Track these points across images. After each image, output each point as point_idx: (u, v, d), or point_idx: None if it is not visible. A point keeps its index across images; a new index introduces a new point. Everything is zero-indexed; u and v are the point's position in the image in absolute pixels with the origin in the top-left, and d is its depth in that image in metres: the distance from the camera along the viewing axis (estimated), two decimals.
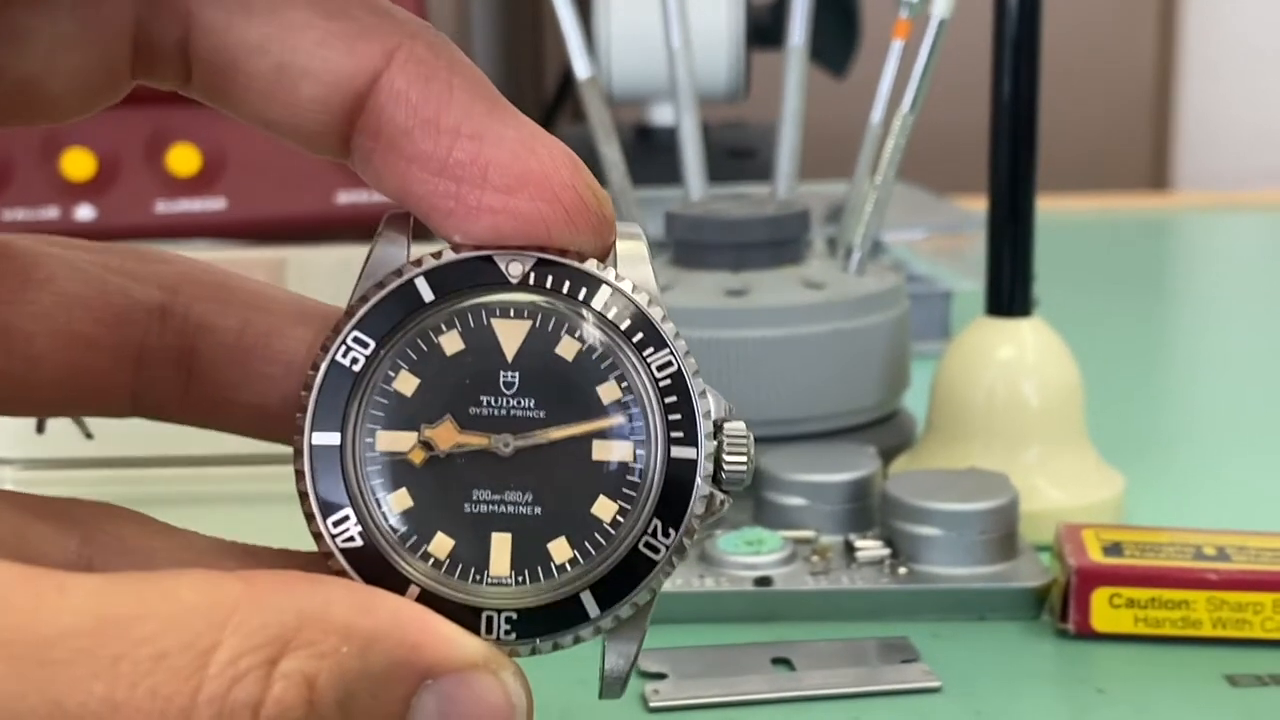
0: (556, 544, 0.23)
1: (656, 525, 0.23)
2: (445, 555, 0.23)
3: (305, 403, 0.23)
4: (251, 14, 0.23)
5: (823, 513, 0.42)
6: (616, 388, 0.23)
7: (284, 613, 0.19)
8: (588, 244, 0.24)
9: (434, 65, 0.23)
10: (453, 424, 0.23)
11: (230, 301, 0.25)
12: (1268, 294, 0.84)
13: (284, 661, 0.19)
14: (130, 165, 0.74)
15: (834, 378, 0.47)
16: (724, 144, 0.91)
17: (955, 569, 0.40)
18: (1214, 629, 0.38)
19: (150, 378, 0.25)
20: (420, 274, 0.23)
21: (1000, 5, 0.45)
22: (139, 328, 0.25)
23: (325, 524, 0.22)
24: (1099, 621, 0.38)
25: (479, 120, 0.23)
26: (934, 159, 0.87)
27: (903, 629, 0.39)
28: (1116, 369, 0.63)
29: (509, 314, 0.23)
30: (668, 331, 0.23)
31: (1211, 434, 0.57)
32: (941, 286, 0.67)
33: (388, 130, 0.23)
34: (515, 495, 0.23)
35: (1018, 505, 0.41)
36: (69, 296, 0.25)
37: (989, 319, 0.46)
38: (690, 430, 0.23)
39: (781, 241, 0.49)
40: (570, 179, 0.23)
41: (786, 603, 0.39)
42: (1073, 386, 0.46)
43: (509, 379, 0.23)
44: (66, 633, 0.18)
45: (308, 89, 0.23)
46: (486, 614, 0.22)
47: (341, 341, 0.23)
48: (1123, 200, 1.14)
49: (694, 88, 0.53)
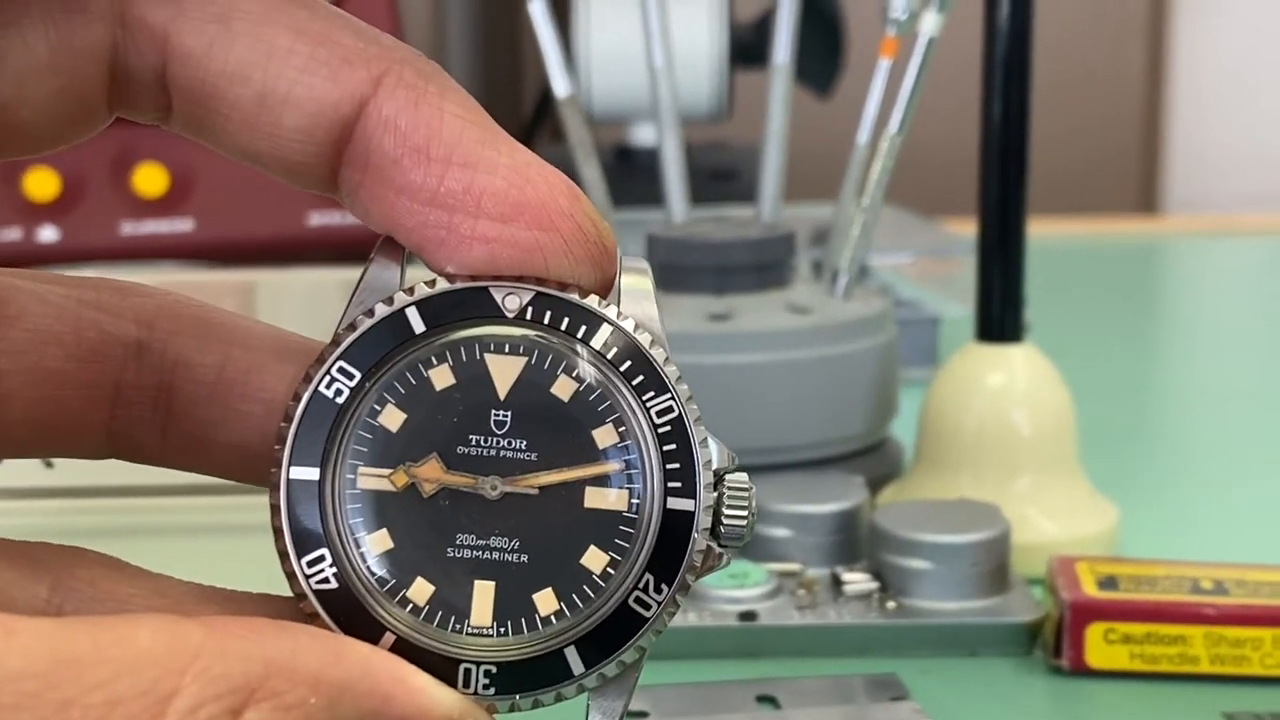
0: (542, 595, 0.22)
1: (649, 580, 0.22)
2: (425, 601, 0.22)
3: (284, 434, 0.22)
4: (232, 40, 0.22)
5: (809, 545, 0.42)
6: (614, 432, 0.23)
7: (249, 660, 0.19)
8: (587, 276, 0.23)
9: (423, 91, 0.22)
10: (439, 463, 0.22)
11: (209, 337, 0.25)
12: (1260, 319, 0.84)
13: (248, 712, 0.19)
14: (95, 185, 0.73)
15: (820, 405, 0.47)
16: (706, 165, 0.91)
17: (945, 603, 0.40)
18: (1212, 665, 0.38)
19: (127, 417, 0.25)
20: (412, 304, 0.23)
21: (991, 25, 0.45)
22: (114, 364, 0.24)
23: (299, 564, 0.22)
24: (1094, 658, 0.38)
25: (471, 148, 0.22)
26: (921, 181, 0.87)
27: (891, 665, 0.38)
28: (1109, 396, 0.63)
29: (503, 350, 0.23)
30: (670, 375, 0.23)
31: (1207, 463, 0.57)
32: (929, 312, 0.67)
33: (376, 160, 0.22)
34: (501, 541, 0.22)
35: (1009, 537, 0.41)
36: (40, 332, 0.24)
37: (979, 345, 0.46)
38: (689, 481, 0.22)
39: (766, 265, 0.48)
40: (569, 208, 0.23)
41: (772, 638, 0.39)
42: (1065, 414, 0.46)
43: (500, 418, 0.23)
44: (12, 676, 0.18)
45: (291, 118, 0.22)
46: (465, 666, 0.22)
47: (326, 372, 0.22)
48: (1112, 224, 1.14)
49: (676, 107, 0.53)
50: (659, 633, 0.22)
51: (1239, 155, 1.87)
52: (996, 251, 0.46)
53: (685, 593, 0.22)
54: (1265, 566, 0.40)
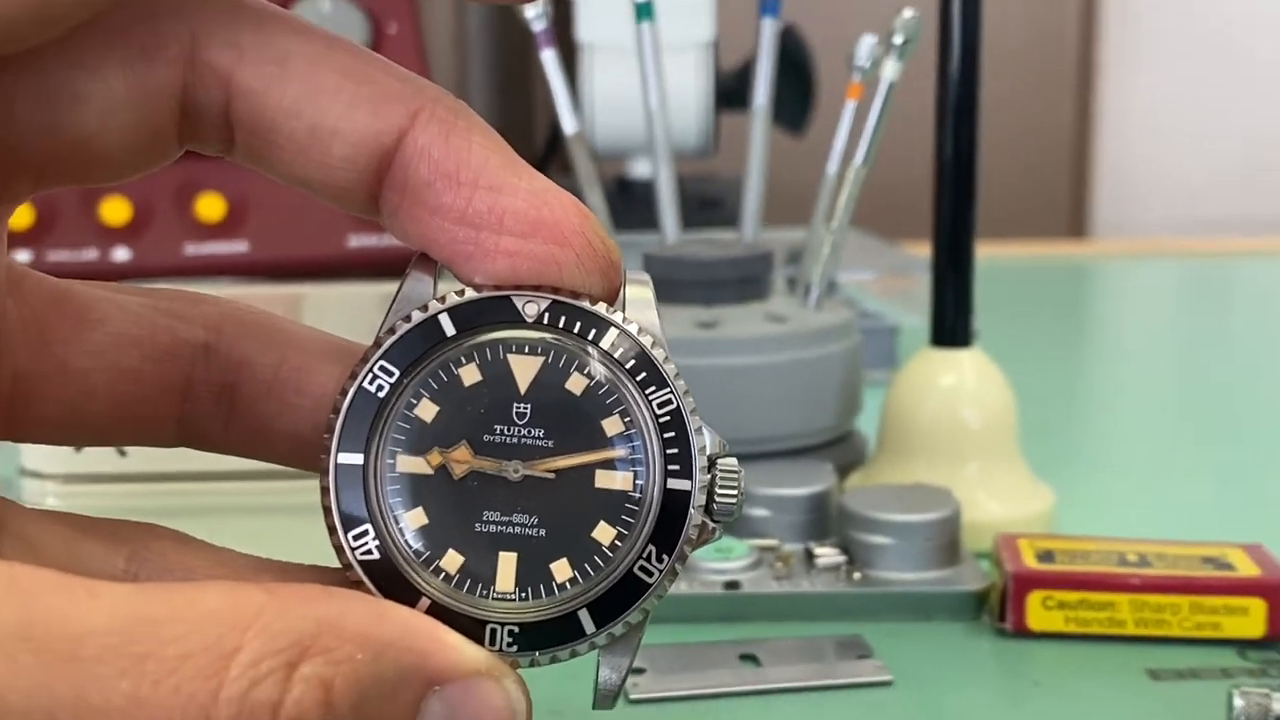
0: (558, 564, 0.22)
1: (651, 551, 0.22)
2: (456, 570, 0.22)
3: (333, 425, 0.22)
4: (287, 80, 0.22)
5: (785, 523, 0.42)
6: (620, 422, 0.23)
7: (304, 620, 0.19)
8: (597, 286, 0.23)
9: (454, 124, 0.23)
10: (468, 449, 0.22)
11: (268, 340, 0.25)
12: (1174, 330, 0.84)
13: (303, 666, 0.19)
14: (162, 211, 0.73)
15: (794, 402, 0.47)
16: (695, 194, 0.91)
17: (904, 574, 0.40)
18: (1136, 628, 0.38)
19: (195, 410, 0.25)
20: (444, 310, 0.23)
21: (943, 73, 0.45)
22: (185, 364, 0.25)
23: (346, 538, 0.22)
24: (1033, 621, 0.38)
25: (495, 173, 0.22)
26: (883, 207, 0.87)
27: (857, 628, 0.38)
28: (1045, 395, 0.63)
29: (524, 350, 0.23)
30: (669, 372, 0.23)
31: (1130, 453, 0.57)
32: (889, 321, 0.67)
33: (413, 184, 0.22)
34: (522, 518, 0.22)
35: (960, 516, 0.41)
36: (121, 336, 0.24)
37: (933, 350, 0.46)
38: (686, 464, 0.23)
39: (747, 280, 0.48)
40: (581, 226, 0.23)
41: (753, 604, 0.39)
42: (1008, 410, 0.46)
43: (521, 410, 0.23)
44: (96, 631, 0.18)
45: (339, 148, 0.22)
46: (491, 626, 0.22)
47: (369, 370, 0.22)
48: (1047, 247, 1.14)
49: (669, 144, 0.53)
50: (660, 597, 0.22)
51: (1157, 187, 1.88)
52: (949, 269, 0.46)
53: (683, 563, 0.22)
54: (1181, 542, 0.40)
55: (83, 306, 0.24)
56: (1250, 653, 0.37)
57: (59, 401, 0.24)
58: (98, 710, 0.17)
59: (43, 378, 0.24)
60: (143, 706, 0.17)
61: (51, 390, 0.24)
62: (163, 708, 0.18)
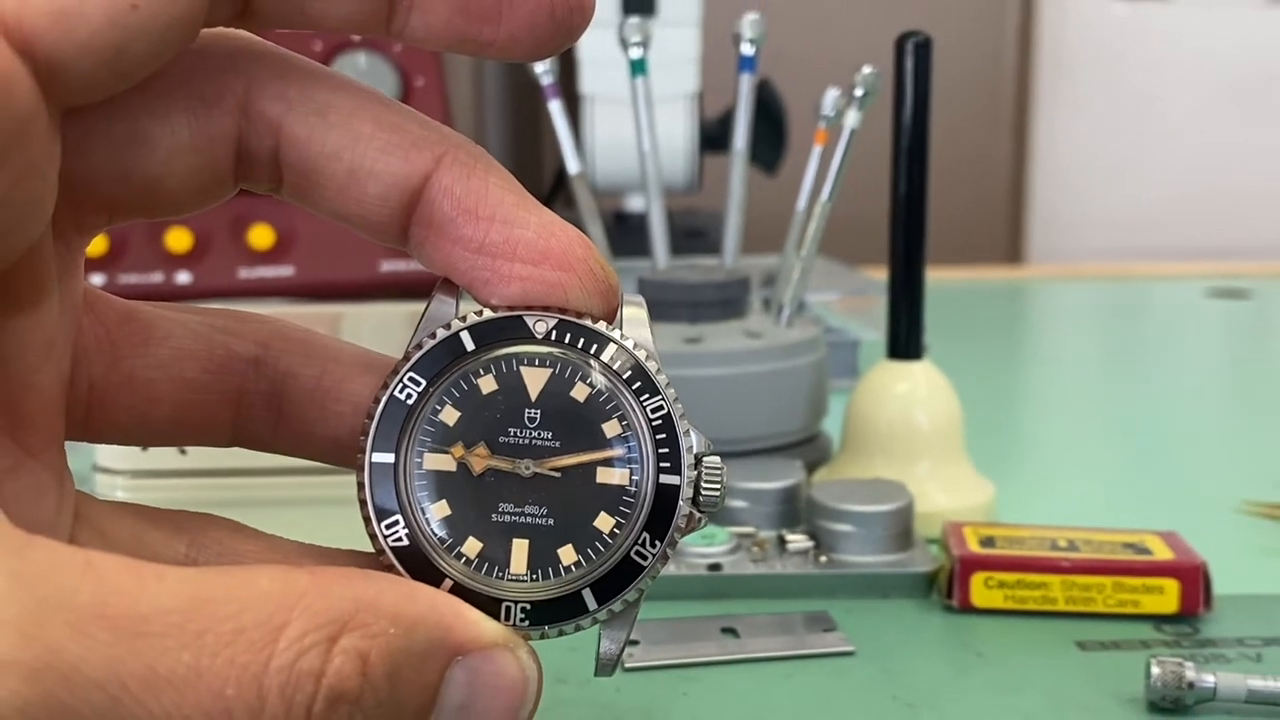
0: (565, 550, 0.22)
1: (645, 537, 0.22)
2: (475, 555, 0.22)
3: (367, 428, 0.22)
4: (329, 129, 0.22)
5: (761, 513, 0.42)
6: (618, 425, 0.23)
7: (343, 600, 0.19)
8: (598, 306, 0.23)
9: (473, 167, 0.23)
10: (486, 449, 0.22)
11: (311, 354, 0.25)
12: (1101, 345, 0.84)
13: (342, 639, 0.18)
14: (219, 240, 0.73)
15: (768, 407, 0.46)
16: (682, 226, 0.91)
17: (865, 557, 0.39)
18: (1067, 605, 0.37)
19: (247, 416, 0.25)
20: (464, 329, 0.23)
21: (898, 121, 0.45)
22: (237, 375, 0.24)
23: (379, 527, 0.22)
24: (977, 599, 0.38)
25: (509, 210, 0.23)
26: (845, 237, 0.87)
27: (824, 605, 0.38)
28: (987, 401, 0.63)
29: (534, 363, 0.23)
30: (660, 381, 0.23)
31: (1061, 452, 0.57)
32: (851, 336, 0.66)
33: (437, 219, 0.23)
34: (533, 509, 0.22)
35: (913, 507, 0.40)
36: (182, 350, 0.24)
37: (889, 362, 0.46)
38: (675, 462, 0.23)
39: (728, 301, 0.48)
40: (584, 255, 0.23)
41: (733, 584, 0.39)
42: (955, 415, 0.46)
43: (532, 415, 0.23)
44: (162, 610, 0.17)
45: (373, 188, 0.22)
46: (506, 604, 0.22)
47: (399, 380, 0.22)
48: (987, 271, 1.14)
49: (660, 182, 0.53)
50: (653, 578, 0.22)
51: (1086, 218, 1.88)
52: (903, 291, 0.46)
53: (673, 548, 0.22)
54: (1106, 530, 0.40)
55: (149, 324, 0.24)
56: (1166, 627, 0.37)
57: (129, 408, 0.24)
58: (164, 680, 0.17)
59: (115, 387, 0.24)
60: (203, 676, 0.17)
61: (123, 398, 0.24)
62: (220, 676, 0.17)
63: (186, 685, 0.17)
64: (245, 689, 0.17)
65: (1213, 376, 0.73)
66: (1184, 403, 0.66)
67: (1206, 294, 0.95)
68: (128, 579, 0.18)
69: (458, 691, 0.20)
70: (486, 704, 0.20)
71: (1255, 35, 1.85)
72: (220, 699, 0.17)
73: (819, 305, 0.73)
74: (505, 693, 0.20)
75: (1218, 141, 1.86)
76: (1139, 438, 0.59)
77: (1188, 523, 0.42)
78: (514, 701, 0.20)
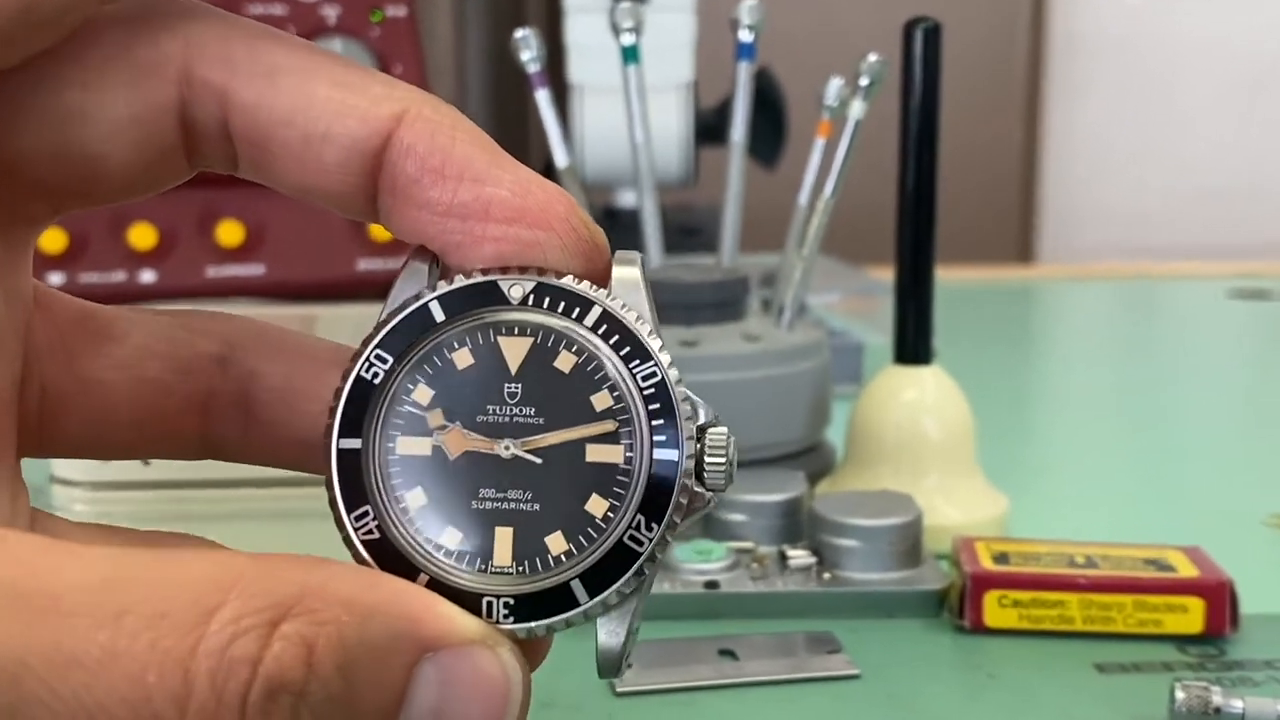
0: (553, 537, 0.21)
1: (640, 520, 0.21)
2: (455, 547, 0.21)
3: (333, 412, 0.22)
4: (278, 93, 0.22)
5: (760, 527, 0.41)
6: (608, 396, 0.22)
7: (288, 583, 0.18)
8: (581, 267, 0.22)
9: (439, 123, 0.22)
10: (462, 430, 0.22)
11: (280, 351, 0.24)
12: (1115, 348, 0.84)
13: (285, 625, 0.17)
14: (185, 237, 0.73)
15: (768, 414, 0.46)
16: (676, 223, 0.90)
17: (870, 574, 0.39)
18: (1085, 625, 0.37)
19: (215, 421, 0.24)
20: (434, 298, 0.22)
21: (905, 111, 0.45)
22: (204, 376, 0.24)
23: (349, 518, 0.21)
24: (990, 618, 0.38)
25: (480, 167, 0.22)
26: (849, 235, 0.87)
27: (827, 625, 0.38)
28: (999, 408, 0.63)
29: (513, 332, 0.22)
30: (653, 345, 0.22)
31: (1078, 461, 0.57)
32: (855, 340, 0.66)
33: (401, 182, 0.22)
34: (517, 494, 0.21)
35: (921, 521, 0.40)
36: (143, 349, 0.24)
37: (896, 367, 0.46)
38: (672, 434, 0.22)
39: (725, 302, 0.48)
40: (564, 212, 0.22)
41: (730, 603, 0.39)
42: (965, 423, 0.46)
43: (512, 390, 0.22)
44: (74, 587, 0.17)
45: (331, 154, 0.22)
46: (487, 599, 0.21)
47: (365, 359, 0.22)
48: (996, 271, 1.14)
49: (653, 176, 0.52)
50: (652, 565, 0.21)
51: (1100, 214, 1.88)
52: (911, 291, 0.46)
53: (673, 531, 0.21)
54: (1125, 545, 0.40)
55: (106, 323, 0.24)
56: (1190, 648, 0.37)
57: (86, 415, 0.23)
58: (72, 660, 0.16)
59: (70, 392, 0.23)
60: (119, 659, 0.17)
61: (79, 404, 0.23)
62: (139, 660, 0.17)
63: (100, 667, 0.17)
64: (168, 675, 0.17)
65: (1236, 382, 0.73)
66: (1206, 410, 0.66)
67: (1228, 295, 0.95)
68: (42, 556, 0.17)
69: (428, 692, 0.19)
70: (462, 708, 0.19)
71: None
72: (139, 685, 0.17)
73: (821, 307, 0.73)
74: (484, 695, 0.19)
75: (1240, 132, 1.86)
76: (1159, 447, 0.59)
77: (1212, 537, 0.42)
78: (494, 706, 0.19)
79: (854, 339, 0.67)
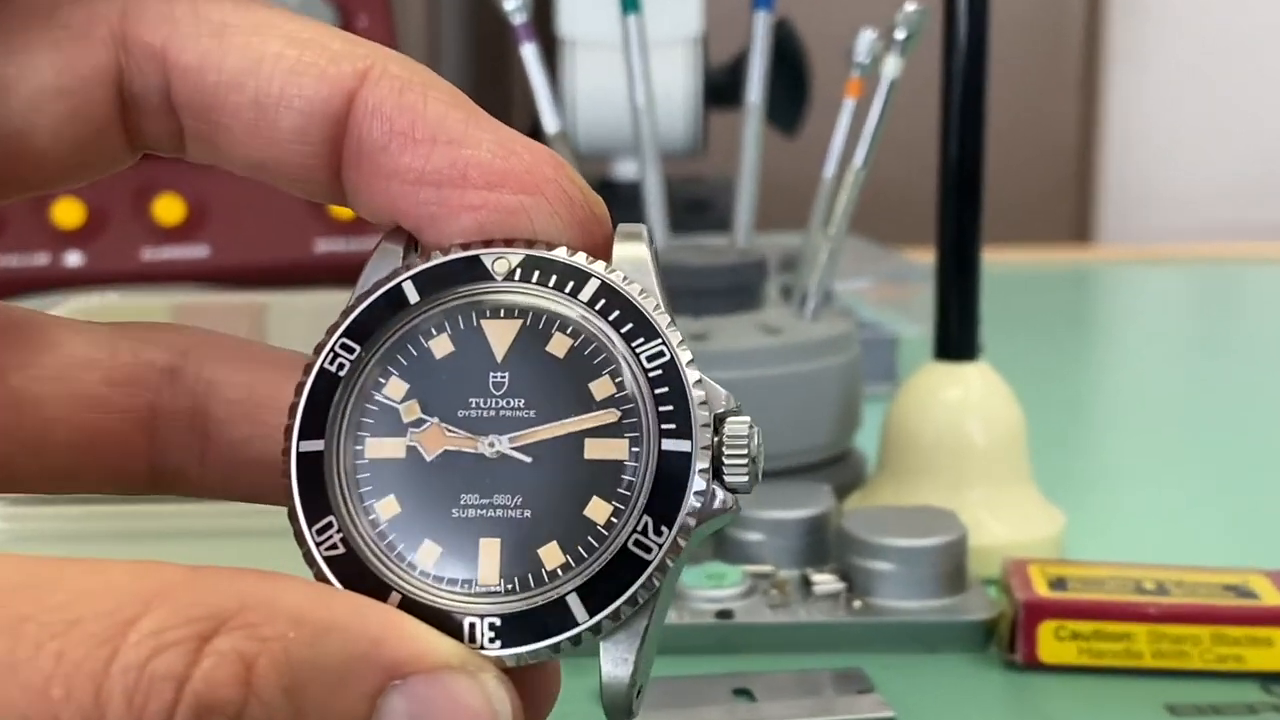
0: (547, 549, 0.21)
1: (647, 523, 0.20)
2: (433, 563, 0.21)
3: (293, 411, 0.21)
4: (225, 52, 0.22)
5: (780, 548, 0.41)
6: (610, 383, 0.21)
7: (224, 595, 0.18)
8: (576, 239, 0.22)
9: (408, 80, 0.22)
10: (441, 428, 0.21)
11: (241, 359, 0.24)
12: (1183, 338, 0.84)
13: (217, 639, 0.17)
14: (118, 214, 0.73)
15: (789, 418, 0.46)
16: (683, 197, 0.90)
17: (907, 602, 0.39)
18: (1155, 660, 0.37)
19: (165, 442, 0.24)
20: (407, 277, 0.22)
21: (949, 70, 0.45)
22: (150, 388, 0.24)
23: (309, 531, 0.21)
24: (1045, 653, 0.37)
25: (455, 128, 0.22)
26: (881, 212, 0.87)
27: (857, 660, 0.38)
28: (1054, 410, 0.63)
29: (499, 314, 0.22)
30: (660, 321, 0.21)
31: (1145, 471, 0.57)
32: (888, 333, 0.66)
33: (367, 148, 0.22)
34: (504, 499, 0.21)
35: (966, 541, 0.40)
36: (78, 358, 0.23)
37: (937, 363, 0.46)
38: (684, 423, 0.21)
39: (739, 289, 0.48)
40: (554, 174, 0.22)
41: (747, 635, 0.39)
42: (1016, 427, 0.45)
43: (498, 379, 0.21)
44: None
45: (287, 118, 0.22)
46: (469, 620, 0.20)
47: (330, 349, 0.22)
48: (1050, 253, 1.14)
49: (656, 143, 0.52)
50: (663, 575, 0.20)
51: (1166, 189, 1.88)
52: (954, 276, 0.45)
53: (687, 536, 0.21)
54: (1201, 568, 0.40)
55: (37, 330, 0.23)
56: (1275, 687, 0.37)
57: (16, 437, 0.23)
58: None
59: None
60: (18, 671, 0.16)
61: (7, 424, 0.23)
62: (42, 673, 0.16)
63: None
64: (78, 691, 0.16)
65: None
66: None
67: None
68: None
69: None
70: None
71: None
72: (43, 700, 0.16)
73: (850, 294, 0.73)
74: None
75: None
76: (1239, 454, 0.59)
77: None
78: None
79: (887, 331, 0.66)
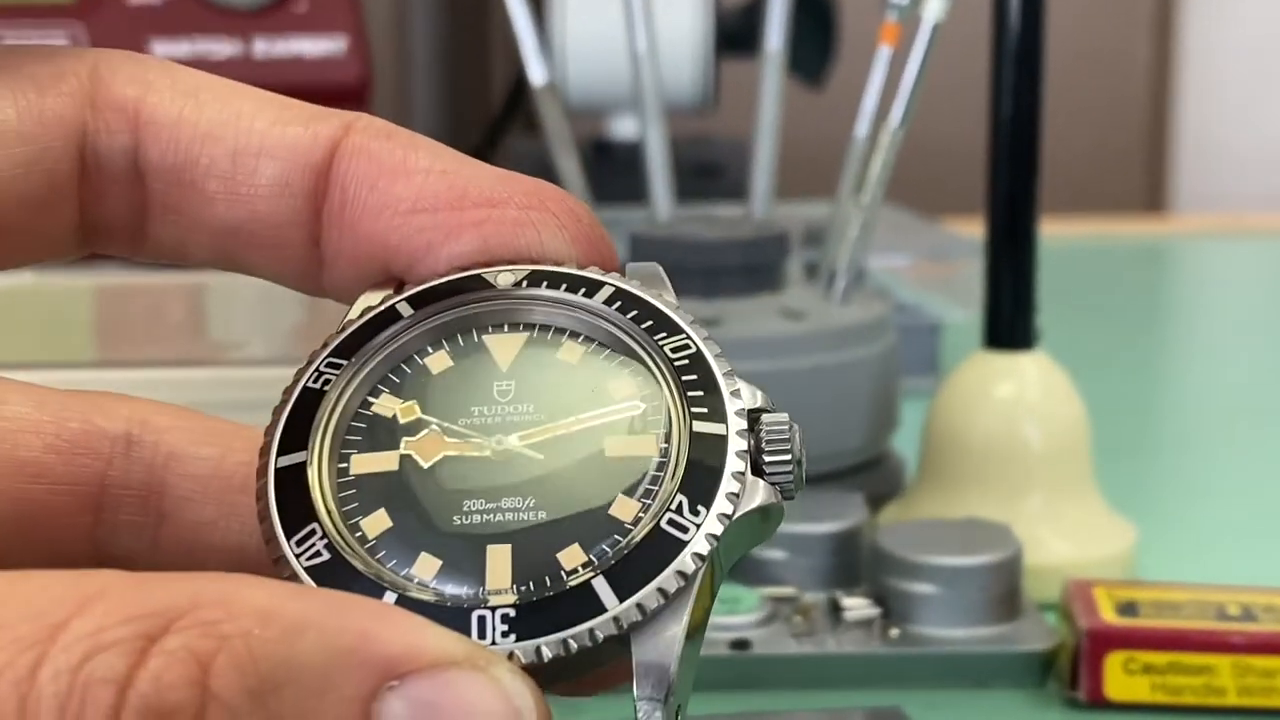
0: (568, 552, 0.21)
1: (682, 501, 0.21)
2: (431, 577, 0.21)
3: (272, 430, 0.22)
4: (201, 107, 0.23)
5: (804, 567, 0.41)
6: (631, 380, 0.22)
7: (172, 594, 0.17)
8: (584, 254, 0.23)
9: (392, 130, 0.23)
10: (438, 435, 0.22)
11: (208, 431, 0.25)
12: (1275, 327, 0.84)
13: (166, 638, 0.17)
14: None
15: (815, 417, 0.46)
16: (690, 160, 0.90)
17: (952, 630, 0.39)
18: (1239, 698, 0.37)
19: (113, 522, 0.24)
20: (401, 299, 0.23)
21: (1001, 17, 0.45)
22: (100, 459, 0.24)
23: (289, 545, 0.21)
24: (1113, 689, 0.38)
25: (449, 161, 0.23)
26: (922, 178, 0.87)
27: (895, 697, 0.38)
28: (1121, 408, 0.63)
29: (502, 328, 0.23)
30: (682, 318, 0.22)
31: (1228, 479, 0.57)
32: (930, 317, 0.66)
33: (352, 191, 0.23)
34: (514, 501, 0.21)
35: (1021, 559, 0.40)
36: (18, 420, 0.24)
37: (987, 353, 0.46)
38: (717, 407, 0.22)
39: (757, 267, 0.48)
40: (559, 195, 0.23)
41: (766, 668, 0.39)
42: (1079, 427, 0.46)
43: (504, 387, 0.22)
44: None
45: (267, 168, 0.23)
46: (478, 614, 0.20)
47: (314, 369, 0.22)
48: (1117, 224, 1.14)
49: (659, 97, 0.52)
50: (701, 561, 0.20)
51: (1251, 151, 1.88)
52: (1006, 252, 0.46)
53: (728, 519, 0.21)
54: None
55: None
56: None
57: None
58: None
59: None
60: None
61: None
62: None
63: None
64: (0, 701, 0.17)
65: None
66: None
67: None
68: None
69: None
70: None
71: None
72: None
73: (885, 273, 0.73)
74: None
75: None
76: None
77: None
78: None
79: (929, 316, 0.67)
